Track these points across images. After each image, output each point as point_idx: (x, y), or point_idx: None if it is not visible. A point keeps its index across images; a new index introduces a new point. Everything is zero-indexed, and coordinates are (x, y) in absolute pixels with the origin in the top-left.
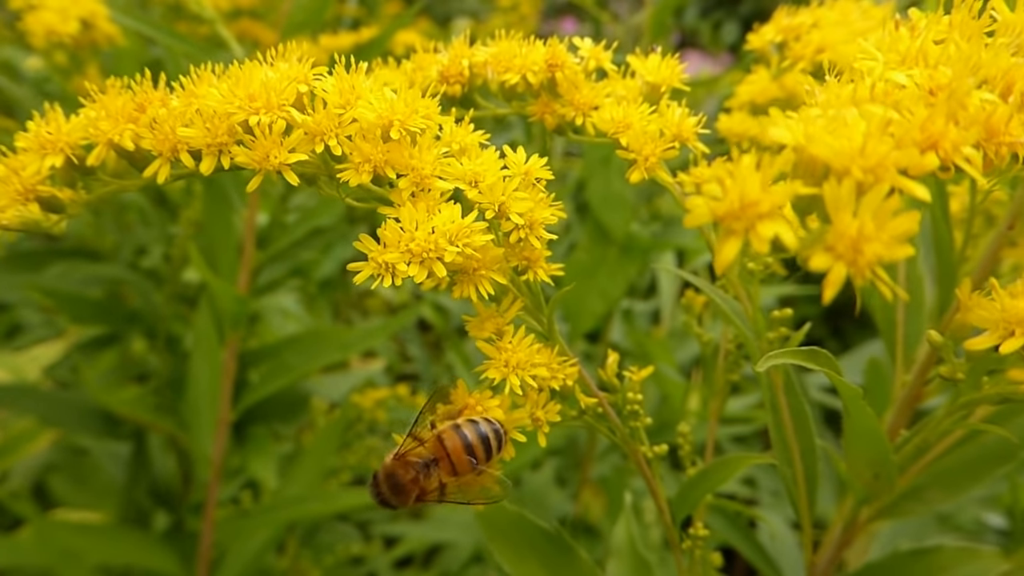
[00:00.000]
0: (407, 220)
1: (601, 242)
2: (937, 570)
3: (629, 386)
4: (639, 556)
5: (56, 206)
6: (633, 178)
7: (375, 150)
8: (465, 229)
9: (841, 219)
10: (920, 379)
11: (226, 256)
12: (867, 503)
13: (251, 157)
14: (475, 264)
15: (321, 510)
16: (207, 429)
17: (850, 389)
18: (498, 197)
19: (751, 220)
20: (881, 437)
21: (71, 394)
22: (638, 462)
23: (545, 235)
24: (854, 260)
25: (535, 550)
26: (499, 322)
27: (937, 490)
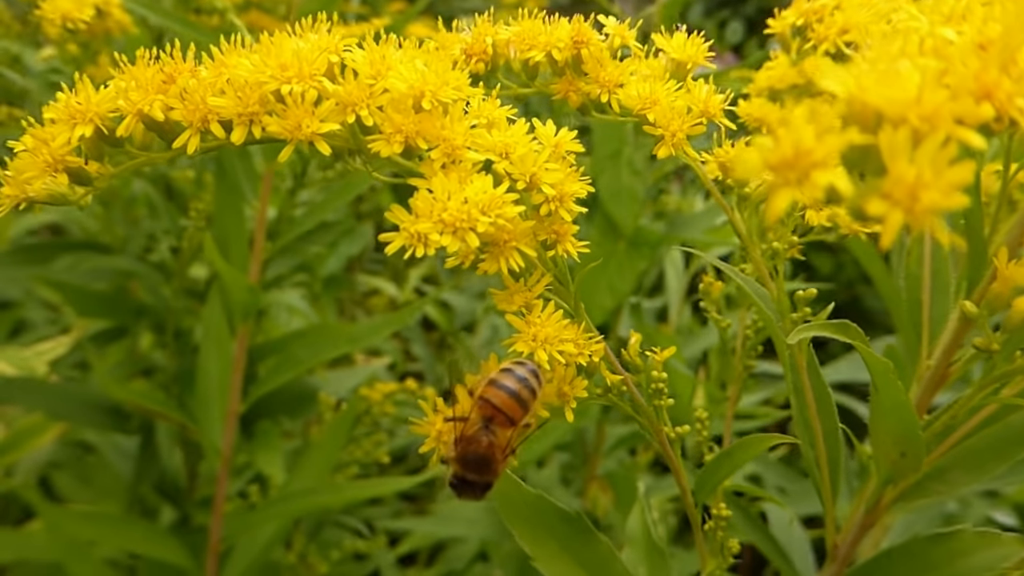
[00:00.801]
0: (439, 190)
1: (610, 236)
2: (957, 555)
3: (652, 365)
4: (654, 544)
5: (84, 178)
6: (661, 154)
7: (407, 121)
8: (497, 200)
9: (898, 166)
10: (945, 360)
11: (238, 247)
12: (892, 483)
13: (283, 126)
14: (506, 236)
15: (329, 503)
16: (217, 421)
17: (880, 362)
18: (529, 168)
19: (805, 169)
20: (910, 411)
21: (78, 388)
22: (661, 442)
23: (575, 208)
24: (911, 207)
25: (554, 532)
26: (528, 296)
27: (962, 471)
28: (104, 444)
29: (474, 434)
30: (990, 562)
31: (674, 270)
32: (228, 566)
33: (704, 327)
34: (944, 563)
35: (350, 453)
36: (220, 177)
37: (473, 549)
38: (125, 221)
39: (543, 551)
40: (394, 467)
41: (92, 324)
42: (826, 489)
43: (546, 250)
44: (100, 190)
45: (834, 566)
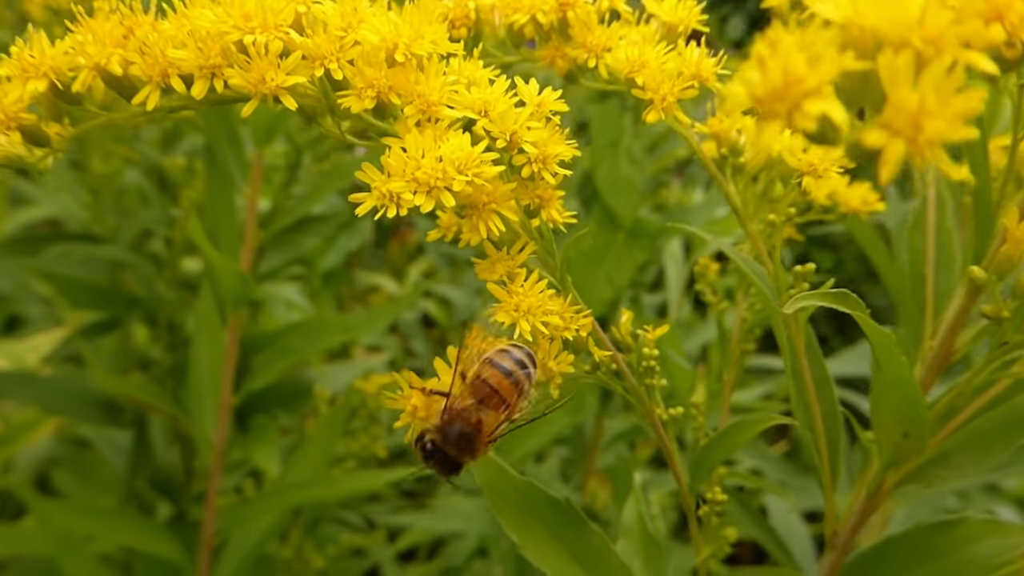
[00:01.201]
0: (413, 148)
1: (609, 227)
2: (962, 543)
3: (644, 343)
4: (649, 535)
5: (40, 139)
6: (650, 118)
7: (379, 75)
8: (475, 158)
9: (899, 93)
10: (949, 338)
11: (228, 235)
12: (894, 467)
13: (246, 79)
14: (485, 198)
15: (324, 496)
16: (209, 413)
17: (882, 335)
18: (510, 126)
19: (796, 99)
20: (914, 388)
21: (72, 382)
22: (653, 424)
23: (559, 171)
24: (913, 138)
25: (543, 521)
26: (510, 265)
27: (965, 455)
28: (99, 439)
29: (464, 408)
30: (996, 550)
31: (673, 263)
32: (222, 560)
33: (704, 321)
34: (948, 551)
35: (346, 447)
36: (210, 165)
37: (472, 545)
38: (116, 211)
39: (531, 539)
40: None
41: (85, 318)
42: (825, 473)
43: (530, 217)
44: (60, 151)
45: (834, 554)
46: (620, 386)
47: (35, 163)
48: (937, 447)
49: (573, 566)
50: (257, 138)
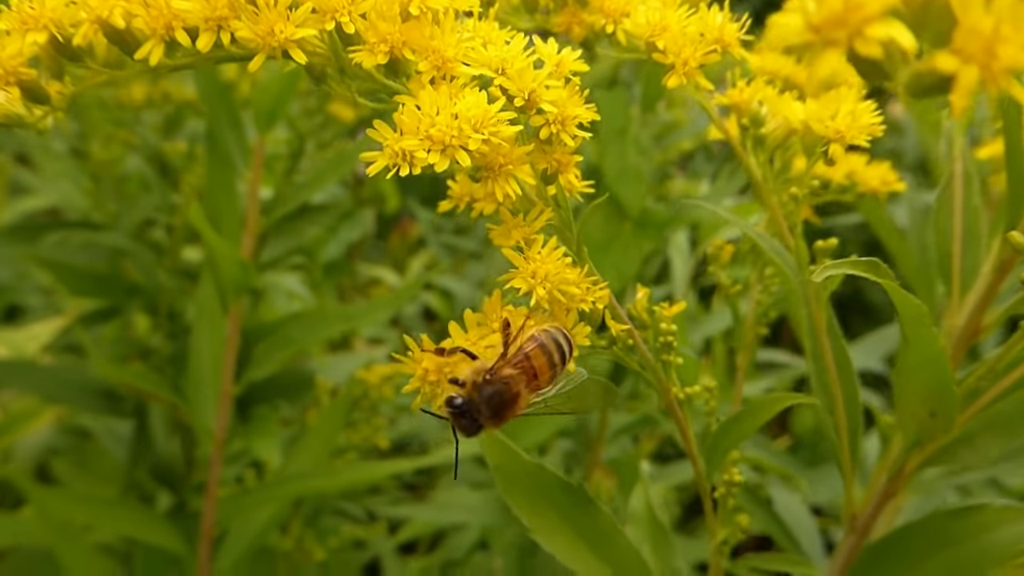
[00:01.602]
0: (427, 105)
1: (615, 217)
2: (981, 529)
3: (660, 318)
4: (657, 522)
5: (40, 96)
6: (671, 83)
7: (392, 29)
8: (492, 117)
9: (972, 16)
10: (977, 315)
11: (229, 221)
12: (918, 447)
13: (254, 32)
14: (501, 159)
15: (325, 486)
16: (209, 402)
17: (913, 307)
18: (528, 84)
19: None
20: (944, 363)
21: (71, 370)
22: (669, 402)
23: (579, 133)
24: (987, 64)
25: (554, 503)
26: (526, 231)
27: (990, 436)
28: (100, 429)
29: (507, 377)
30: (1015, 537)
31: (679, 255)
32: (222, 551)
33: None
34: (967, 537)
35: (348, 439)
36: (211, 149)
37: (473, 537)
38: (117, 198)
39: (542, 523)
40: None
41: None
42: (845, 455)
43: (546, 184)
44: (60, 110)
45: (853, 537)
46: (636, 362)
47: (34, 122)
48: (961, 428)
49: (583, 549)
50: (259, 121)
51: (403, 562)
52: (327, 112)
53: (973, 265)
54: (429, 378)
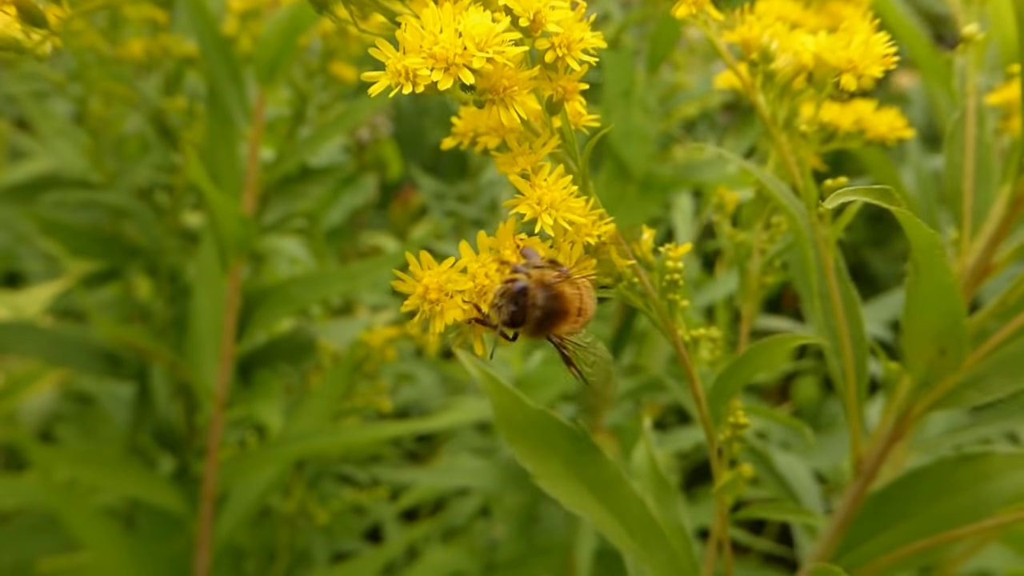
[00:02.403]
0: (430, 22)
1: (620, 179)
2: (984, 478)
3: (666, 257)
4: (660, 477)
5: (37, 18)
6: (680, 12)
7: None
8: (497, 35)
9: None
10: (988, 252)
11: (230, 179)
12: (927, 387)
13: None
14: (506, 81)
15: (327, 447)
16: (210, 362)
17: (925, 235)
18: (533, 4)
19: None
20: (956, 297)
21: (73, 332)
22: (675, 343)
23: (584, 58)
24: None
25: (557, 450)
26: (532, 158)
27: (999, 377)
28: (102, 393)
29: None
30: (1019, 485)
31: (683, 218)
32: (224, 512)
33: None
34: (970, 485)
35: (350, 402)
36: (212, 105)
37: (475, 504)
38: (116, 156)
39: (546, 469)
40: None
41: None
42: (851, 400)
43: (551, 113)
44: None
45: (860, 480)
46: (641, 301)
47: (32, 47)
48: (970, 369)
49: (588, 496)
50: (260, 75)
51: (405, 528)
52: (329, 72)
53: (985, 202)
54: (429, 296)
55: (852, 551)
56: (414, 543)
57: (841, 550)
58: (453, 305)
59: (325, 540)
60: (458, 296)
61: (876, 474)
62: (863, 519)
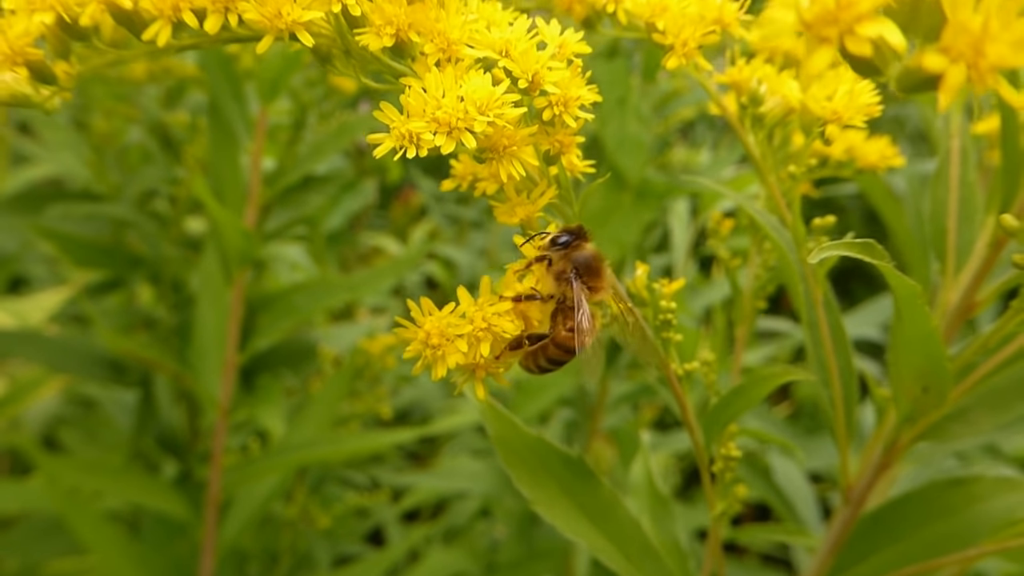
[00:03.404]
0: (433, 87)
1: (615, 187)
2: (974, 500)
3: (660, 296)
4: (657, 493)
5: (47, 76)
6: (670, 64)
7: (398, 11)
8: (497, 99)
9: (961, 14)
10: (971, 292)
11: (233, 193)
12: (911, 422)
13: (262, 14)
14: (506, 140)
15: (329, 455)
16: (213, 371)
17: (906, 286)
18: (531, 66)
19: (848, 23)
20: (937, 342)
21: (77, 340)
22: (668, 378)
23: (581, 115)
24: (975, 62)
25: (554, 475)
26: (530, 209)
27: (983, 411)
28: (105, 399)
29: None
30: (1007, 508)
31: (679, 224)
32: (228, 518)
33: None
34: (961, 508)
35: (351, 408)
36: (214, 121)
37: (475, 505)
38: (119, 169)
39: (543, 495)
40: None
41: (89, 277)
42: (840, 429)
43: (548, 164)
44: (67, 91)
45: (848, 509)
46: None
47: (41, 102)
48: (955, 402)
49: (584, 521)
50: (262, 93)
51: (406, 530)
52: (329, 83)
53: (968, 241)
54: (431, 341)
55: (844, 572)
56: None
57: (835, 570)
58: (454, 350)
59: (327, 543)
60: (459, 342)
61: (865, 501)
62: (855, 541)
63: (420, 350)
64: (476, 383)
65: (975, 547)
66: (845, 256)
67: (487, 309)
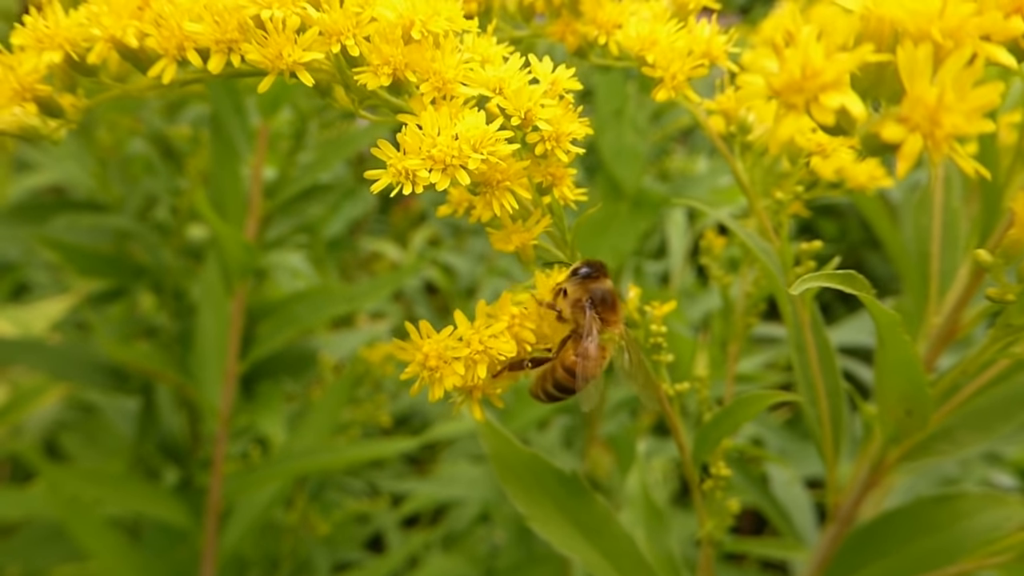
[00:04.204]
0: (428, 125)
1: (612, 197)
2: (961, 516)
3: (651, 319)
4: (652, 505)
5: (55, 110)
6: (660, 96)
7: (395, 52)
8: (490, 136)
9: (918, 86)
10: (953, 317)
11: (234, 205)
12: (896, 443)
13: (263, 55)
14: (499, 175)
15: (329, 463)
16: (214, 381)
17: (886, 315)
18: (524, 103)
19: (813, 91)
20: (917, 367)
21: (79, 348)
22: (660, 399)
23: (572, 149)
24: (931, 132)
25: (549, 493)
26: (525, 236)
27: (968, 431)
28: (107, 405)
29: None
30: (993, 523)
31: (677, 232)
32: (228, 526)
33: (706, 289)
34: (947, 524)
35: (351, 415)
36: (216, 134)
37: (475, 511)
38: (122, 180)
39: (538, 512)
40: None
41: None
42: (828, 448)
43: (542, 195)
44: (74, 123)
45: (835, 526)
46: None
47: (49, 134)
48: (940, 423)
49: (578, 537)
50: (263, 109)
51: (406, 535)
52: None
53: (952, 266)
54: (429, 364)
55: None
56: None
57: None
58: (451, 372)
59: (327, 550)
60: (456, 364)
61: (853, 519)
62: (843, 556)
63: (418, 371)
64: (473, 404)
65: (962, 562)
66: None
67: (483, 332)
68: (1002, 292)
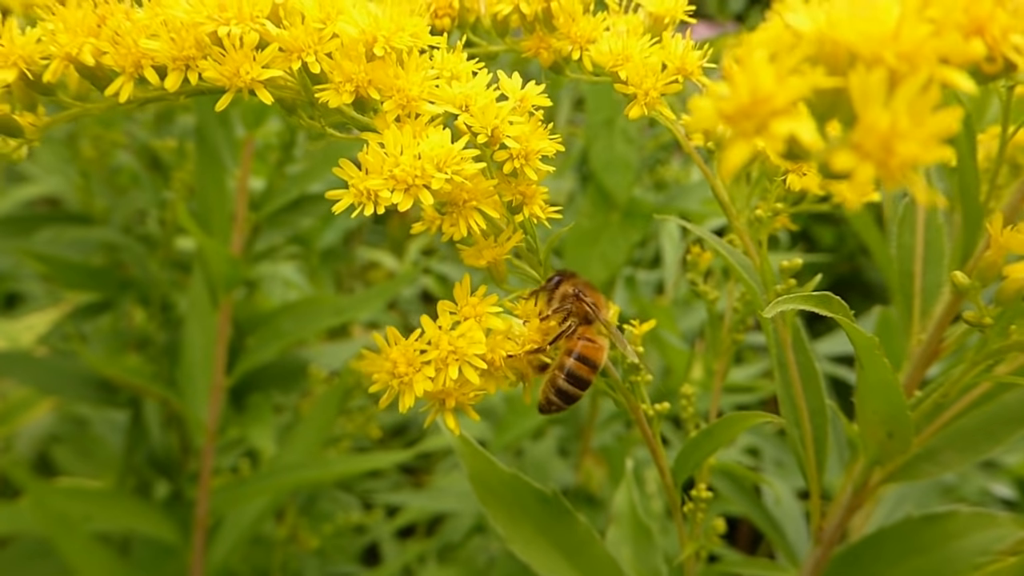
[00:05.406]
0: (391, 144)
1: (603, 207)
2: (951, 536)
3: (630, 339)
4: (640, 522)
5: (13, 129)
6: (632, 114)
7: (357, 69)
8: (455, 155)
9: (870, 113)
10: (938, 335)
11: (219, 218)
12: (879, 464)
13: (220, 72)
14: (465, 195)
15: (319, 477)
16: (201, 394)
17: (865, 338)
18: (491, 121)
19: (763, 118)
20: (897, 391)
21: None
22: (638, 420)
23: (542, 167)
24: (884, 161)
25: (529, 514)
26: (497, 252)
27: (952, 452)
28: (97, 419)
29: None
30: (983, 544)
31: (670, 242)
32: (216, 540)
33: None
34: (936, 545)
35: (342, 427)
36: (200, 146)
37: (470, 521)
38: (109, 191)
39: (518, 533)
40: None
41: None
42: (811, 469)
43: (512, 214)
44: (34, 141)
45: (820, 548)
46: (604, 382)
47: (9, 153)
48: (923, 444)
49: (559, 559)
50: (247, 121)
51: (401, 546)
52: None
53: (935, 283)
54: (397, 371)
55: None
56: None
57: None
58: (422, 378)
59: (319, 562)
60: (426, 369)
61: (836, 540)
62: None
63: (387, 381)
64: (446, 413)
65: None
66: (842, 267)
67: (451, 333)
68: (979, 316)
